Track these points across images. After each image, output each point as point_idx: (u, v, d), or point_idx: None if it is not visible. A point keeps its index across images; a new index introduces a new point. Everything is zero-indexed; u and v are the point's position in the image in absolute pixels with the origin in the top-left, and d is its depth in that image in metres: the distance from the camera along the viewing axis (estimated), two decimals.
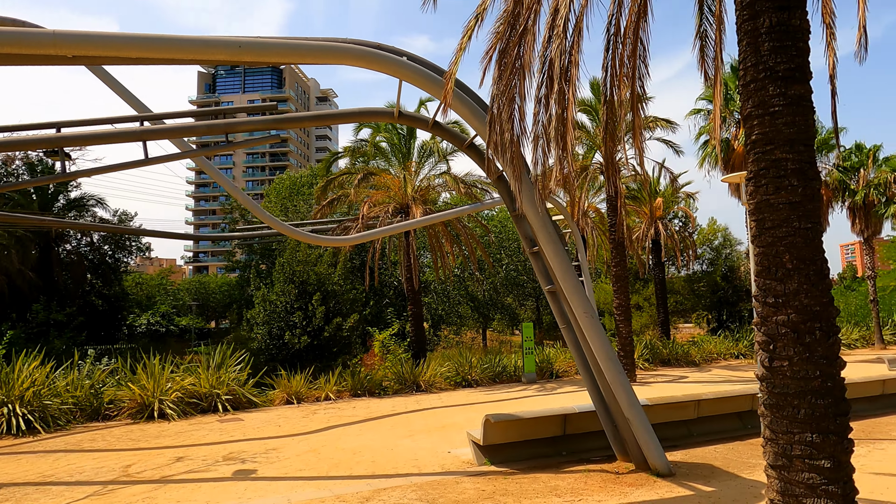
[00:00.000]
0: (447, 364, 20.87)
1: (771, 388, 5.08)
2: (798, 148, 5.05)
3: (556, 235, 8.37)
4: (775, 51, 5.12)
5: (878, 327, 33.55)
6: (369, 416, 14.38)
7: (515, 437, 9.56)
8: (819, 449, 4.77)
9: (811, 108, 5.15)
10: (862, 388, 13.81)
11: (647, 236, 31.90)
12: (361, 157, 23.04)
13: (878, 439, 10.72)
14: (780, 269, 5.02)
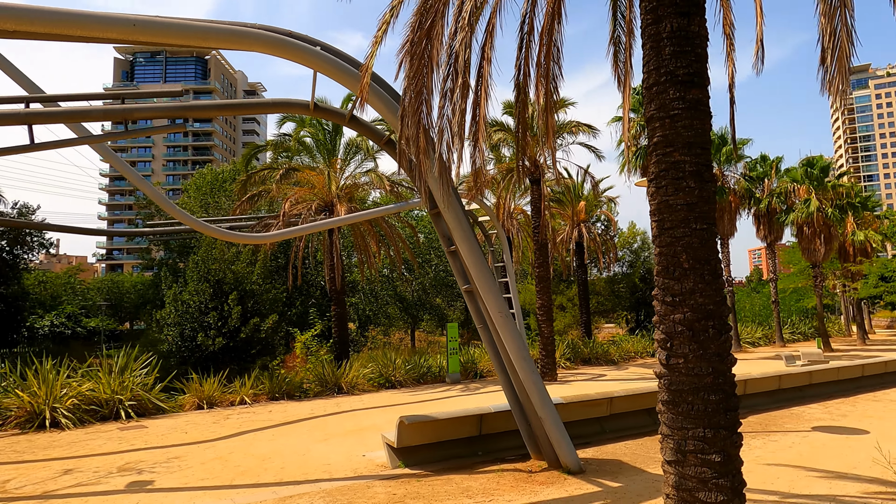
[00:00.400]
0: (371, 365, 20.54)
1: (668, 385, 5.19)
2: (696, 151, 5.19)
3: (471, 234, 8.30)
4: (676, 55, 5.24)
5: (778, 326, 36.01)
6: (285, 420, 13.86)
7: (431, 439, 9.43)
8: (710, 443, 4.91)
9: (708, 113, 5.30)
10: (761, 383, 14.69)
11: (570, 239, 32.80)
12: (284, 152, 22.30)
13: (773, 431, 11.38)
14: (678, 268, 5.14)
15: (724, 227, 33.66)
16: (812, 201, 31.57)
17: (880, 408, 13.75)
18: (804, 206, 31.83)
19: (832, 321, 50.59)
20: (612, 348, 28.63)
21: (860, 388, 16.91)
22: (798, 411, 13.58)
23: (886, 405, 14.12)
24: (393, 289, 41.11)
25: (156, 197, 13.62)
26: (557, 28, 7.12)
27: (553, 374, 20.68)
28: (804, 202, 31.98)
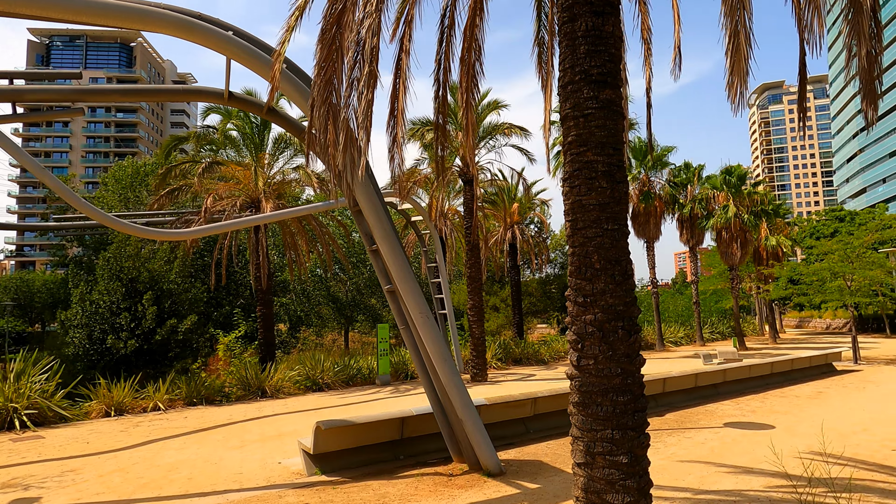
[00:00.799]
0: (297, 367, 19.91)
1: (579, 387, 5.14)
2: (608, 151, 5.17)
3: (392, 233, 8.06)
4: (590, 54, 5.20)
5: (699, 326, 37.71)
6: (200, 427, 13.14)
7: (350, 444, 9.12)
8: (618, 445, 4.88)
9: (621, 113, 5.30)
10: (679, 381, 15.21)
11: (504, 240, 33.11)
12: (209, 144, 21.27)
13: (689, 428, 11.76)
14: (590, 269, 5.10)
15: (650, 230, 34.97)
16: (730, 207, 33.26)
17: (786, 403, 14.52)
18: (723, 212, 33.48)
19: (748, 321, 53.61)
20: (542, 348, 29.09)
21: (769, 384, 17.86)
22: (713, 408, 14.13)
23: (791, 401, 14.93)
24: (326, 289, 40.21)
25: (59, 188, 12.58)
26: (479, 25, 7.00)
27: (484, 374, 20.72)
28: (723, 208, 33.65)
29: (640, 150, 34.99)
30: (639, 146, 35.05)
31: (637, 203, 34.59)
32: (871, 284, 24.47)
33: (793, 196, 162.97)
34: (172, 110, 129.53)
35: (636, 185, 35.05)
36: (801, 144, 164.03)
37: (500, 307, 36.10)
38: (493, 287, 37.23)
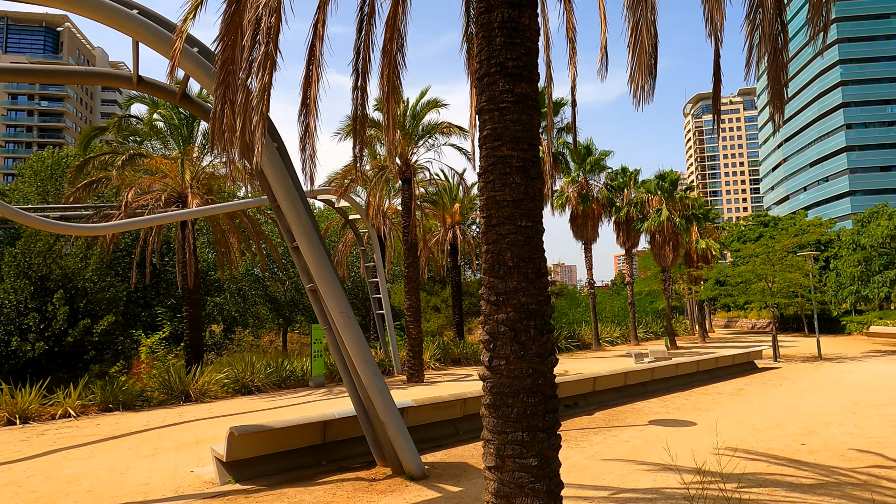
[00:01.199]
0: (226, 370, 19.13)
1: (490, 389, 5.00)
2: (522, 146, 5.05)
3: (312, 229, 7.72)
4: (506, 46, 5.07)
5: (633, 326, 38.82)
6: (112, 434, 12.33)
7: (267, 450, 8.70)
8: (528, 447, 4.76)
9: (537, 108, 5.20)
10: (609, 380, 15.46)
11: (445, 240, 33.03)
12: (132, 135, 20.11)
13: (615, 426, 11.92)
14: (503, 266, 4.96)
15: (588, 232, 35.74)
16: (663, 211, 34.40)
17: (709, 400, 15.00)
18: (656, 216, 34.60)
19: (680, 321, 55.73)
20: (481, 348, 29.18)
21: (695, 382, 18.46)
22: (640, 406, 14.43)
23: (714, 398, 15.45)
24: (263, 289, 39.00)
25: None
26: (402, 16, 6.79)
27: (420, 374, 20.52)
28: (656, 212, 34.76)
29: (579, 152, 35.69)
30: (578, 149, 35.72)
31: (576, 205, 35.28)
32: (790, 286, 25.77)
33: (723, 202, 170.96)
34: (103, 100, 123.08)
35: (575, 187, 35.73)
36: (732, 153, 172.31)
37: (440, 307, 36.02)
38: (434, 287, 37.12)
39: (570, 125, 23.75)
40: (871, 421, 11.72)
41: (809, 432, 10.84)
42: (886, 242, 26.26)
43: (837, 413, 12.73)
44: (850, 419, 11.98)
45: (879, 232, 26.10)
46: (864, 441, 10.00)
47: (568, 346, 34.50)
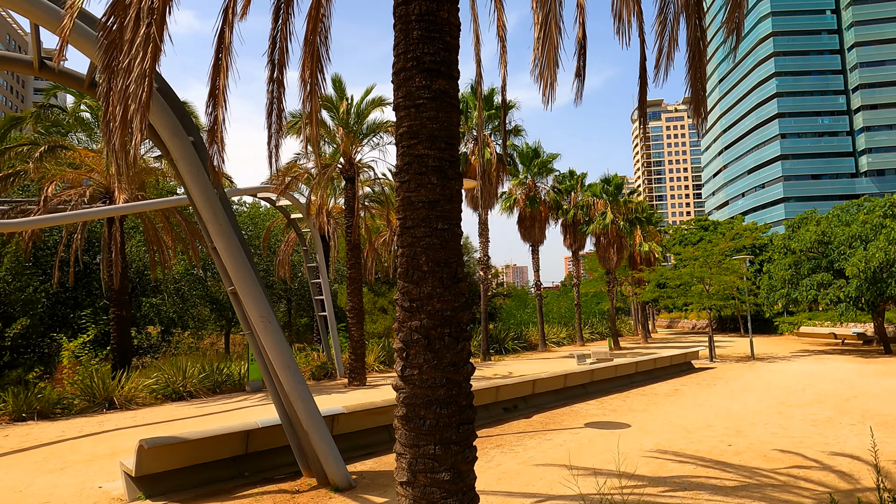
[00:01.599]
0: (155, 374, 18.21)
1: (404, 400, 4.75)
2: (440, 145, 4.83)
3: (229, 228, 7.29)
4: (424, 40, 4.84)
5: (579, 327, 39.43)
6: (20, 447, 11.45)
7: (183, 462, 8.19)
8: (440, 461, 4.54)
9: (455, 106, 4.99)
10: (548, 382, 15.49)
11: (392, 241, 32.64)
12: (54, 126, 18.88)
13: (551, 430, 11.89)
14: (417, 271, 4.73)
15: (536, 234, 36.06)
16: (608, 214, 35.05)
17: (645, 401, 15.22)
18: (601, 219, 35.23)
19: (624, 322, 57.07)
20: None
21: (634, 383, 18.77)
22: (578, 408, 14.50)
23: (651, 399, 15.70)
24: (204, 288, 37.60)
25: None
26: (325, 6, 6.46)
27: (362, 378, 20.10)
28: (601, 215, 35.40)
29: (527, 155, 35.99)
30: (526, 151, 36.03)
31: (523, 207, 35.54)
32: (726, 288, 26.64)
33: (668, 206, 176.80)
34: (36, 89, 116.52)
35: (523, 189, 36.00)
36: (677, 160, 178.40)
37: (388, 309, 35.60)
38: (381, 288, 36.65)
39: (518, 127, 23.81)
40: (794, 421, 12.10)
41: (737, 433, 11.08)
42: (814, 247, 27.50)
43: (764, 413, 13.11)
44: (775, 419, 12.34)
45: (808, 237, 27.31)
46: (787, 441, 10.28)
47: (515, 348, 34.71)
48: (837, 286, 25.75)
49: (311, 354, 24.17)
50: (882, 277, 23.92)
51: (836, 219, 28.72)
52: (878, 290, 24.24)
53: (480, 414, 13.22)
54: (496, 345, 33.76)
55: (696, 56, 4.98)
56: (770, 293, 29.04)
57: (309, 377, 22.21)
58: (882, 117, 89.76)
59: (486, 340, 29.40)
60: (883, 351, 27.55)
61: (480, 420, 12.93)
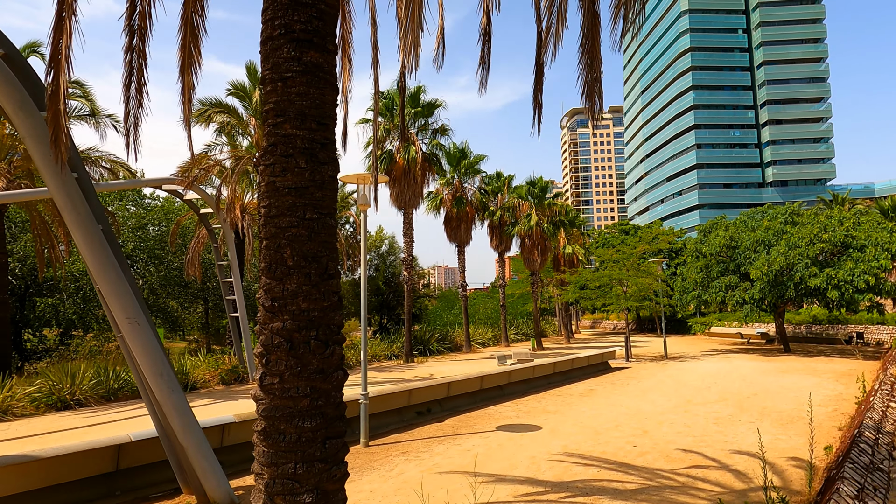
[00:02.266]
0: (38, 381, 16.55)
1: (263, 412, 4.19)
2: (310, 124, 4.31)
3: (87, 217, 6.43)
4: (294, 6, 4.30)
5: (504, 328, 39.67)
6: None
7: (39, 483, 7.21)
8: (302, 481, 4.01)
9: (331, 83, 4.48)
10: (464, 385, 15.19)
11: None
12: None
13: (462, 434, 11.55)
14: (281, 266, 4.19)
15: (462, 235, 35.97)
16: (532, 216, 35.44)
17: (560, 402, 15.22)
18: (526, 220, 35.58)
19: (550, 322, 58.17)
20: (349, 352, 28.17)
21: (551, 383, 18.84)
22: (493, 410, 14.27)
23: (565, 399, 15.74)
24: None
25: None
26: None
27: None
28: (526, 217, 35.75)
29: (455, 155, 35.86)
30: (453, 152, 35.88)
31: (450, 208, 35.36)
32: (642, 290, 27.45)
33: (594, 210, 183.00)
34: None
35: (450, 189, 35.83)
36: (603, 166, 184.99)
37: None
38: None
39: (444, 127, 23.30)
40: (699, 419, 12.36)
41: (644, 433, 11.15)
42: (723, 251, 28.83)
43: (671, 411, 13.36)
44: (681, 418, 12.56)
45: (717, 242, 28.61)
46: (690, 440, 10.41)
47: (440, 349, 34.44)
48: (743, 288, 27.09)
49: (221, 358, 22.85)
50: (782, 280, 25.34)
51: (744, 224, 30.28)
52: (779, 293, 25.67)
53: (391, 419, 12.73)
54: (420, 346, 33.35)
55: (589, 38, 4.72)
56: (683, 295, 30.23)
57: (218, 381, 20.98)
58: (786, 132, 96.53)
59: (409, 342, 28.94)
60: (783, 350, 29.27)
61: (391, 425, 12.45)
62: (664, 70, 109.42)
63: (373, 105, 27.52)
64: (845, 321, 35.02)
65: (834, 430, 10.76)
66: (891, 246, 23.91)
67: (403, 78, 7.36)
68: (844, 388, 16.05)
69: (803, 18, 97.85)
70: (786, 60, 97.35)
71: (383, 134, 28.82)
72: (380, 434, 11.71)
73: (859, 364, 22.52)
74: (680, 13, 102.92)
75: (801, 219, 28.13)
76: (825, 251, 25.25)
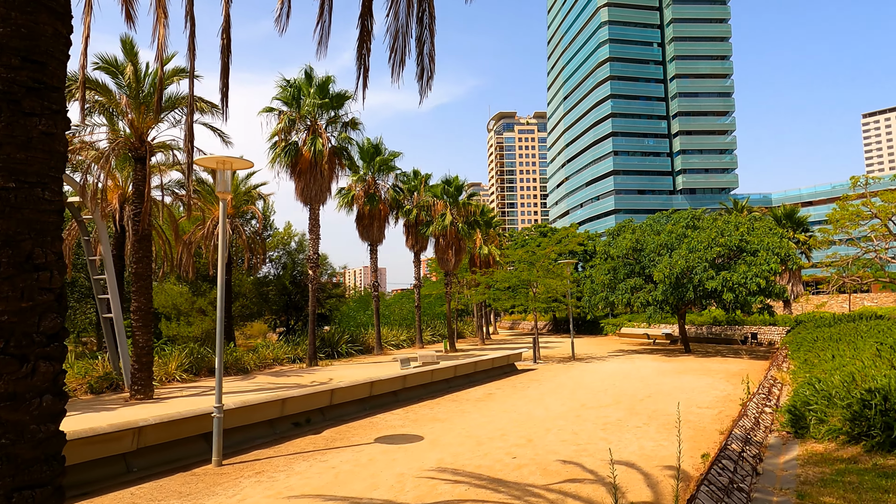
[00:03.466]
0: None
1: None
2: (10, 60, 3.16)
3: None
4: None
5: (419, 329, 38.82)
6: None
7: None
8: None
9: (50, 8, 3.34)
10: (351, 391, 14.13)
11: (213, 234, 29.47)
12: None
13: (336, 447, 10.52)
14: None
15: (374, 233, 34.84)
16: (447, 216, 34.86)
17: (453, 408, 14.48)
18: (440, 220, 34.94)
19: (468, 324, 58.01)
20: (247, 356, 26.39)
21: (451, 387, 18.13)
22: (379, 419, 13.32)
23: (460, 405, 15.02)
24: None
25: None
26: None
27: (148, 390, 17.31)
28: (441, 216, 35.12)
29: (368, 151, 34.70)
30: (367, 148, 34.72)
31: (362, 205, 34.18)
32: (549, 291, 27.40)
33: (519, 213, 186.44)
34: None
35: (362, 186, 34.63)
36: (528, 170, 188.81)
37: (208, 310, 32.15)
38: (202, 286, 33.09)
39: (355, 120, 22.12)
40: (588, 425, 11.95)
41: (528, 442, 10.55)
42: (629, 254, 29.34)
43: (563, 417, 12.91)
44: (570, 424, 12.11)
45: (624, 244, 29.07)
46: (573, 449, 9.88)
47: (349, 351, 33.16)
48: (647, 290, 27.61)
49: (93, 364, 20.57)
50: (683, 283, 25.99)
51: (650, 228, 30.98)
52: (680, 295, 26.32)
53: (262, 431, 11.51)
54: (328, 349, 31.96)
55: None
56: (592, 296, 30.53)
57: (86, 390, 18.83)
58: (695, 143, 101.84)
59: (314, 344, 27.49)
60: (683, 350, 30.16)
61: (260, 439, 11.23)
62: (585, 78, 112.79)
63: (279, 94, 25.53)
64: (742, 322, 36.75)
65: (716, 434, 10.57)
66: (780, 250, 25.02)
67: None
68: (733, 389, 16.30)
69: (712, 36, 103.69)
70: (696, 75, 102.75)
71: (287, 124, 27.23)
72: (243, 450, 10.47)
73: (750, 364, 23.35)
74: (600, 24, 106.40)
75: (701, 223, 29.07)
76: (722, 255, 26.14)
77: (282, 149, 27.13)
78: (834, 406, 7.09)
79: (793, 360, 14.86)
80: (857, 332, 15.24)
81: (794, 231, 42.67)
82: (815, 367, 10.82)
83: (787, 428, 7.50)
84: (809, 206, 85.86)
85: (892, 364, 8.18)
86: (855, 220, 25.73)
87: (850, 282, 28.59)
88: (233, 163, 10.01)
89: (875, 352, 10.25)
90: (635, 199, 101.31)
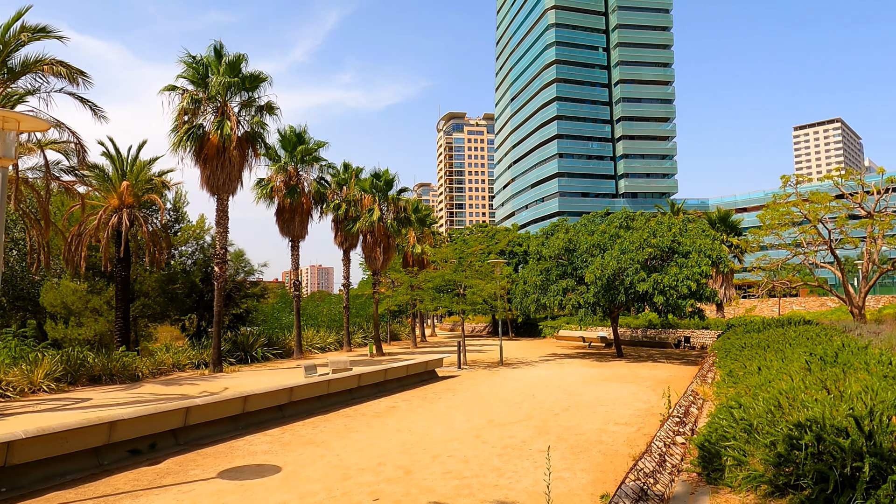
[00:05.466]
0: None
1: None
2: None
3: None
4: None
5: (347, 331, 36.52)
6: None
7: None
8: None
9: None
10: (216, 408, 11.95)
11: (109, 225, 26.39)
12: None
13: (161, 487, 8.38)
14: None
15: (296, 228, 32.43)
16: (375, 211, 32.78)
17: (340, 427, 12.49)
18: (368, 216, 32.84)
19: (406, 325, 56.00)
20: (139, 361, 23.55)
21: (354, 399, 16.17)
22: (244, 443, 11.19)
23: (351, 421, 13.05)
24: None
25: None
26: None
27: None
28: (368, 211, 33.02)
29: (290, 139, 32.26)
30: (288, 136, 32.27)
31: (282, 198, 31.71)
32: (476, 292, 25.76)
33: (467, 214, 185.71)
34: None
35: (283, 176, 32.15)
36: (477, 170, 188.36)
37: (103, 310, 28.93)
38: (98, 283, 29.78)
39: (271, 104, 19.59)
40: (485, 449, 10.20)
41: (405, 474, 8.69)
42: (562, 254, 28.08)
43: (462, 437, 11.14)
44: (466, 447, 10.34)
45: (557, 244, 27.80)
46: (453, 486, 8.08)
47: (266, 355, 30.63)
48: (579, 292, 26.38)
49: None
50: (615, 285, 24.85)
51: (584, 228, 29.84)
52: (611, 297, 25.18)
53: (80, 464, 9.18)
54: (240, 353, 29.34)
55: None
56: (523, 298, 29.10)
57: None
58: (637, 147, 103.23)
59: (218, 348, 24.90)
60: (615, 354, 29.14)
61: (74, 473, 8.93)
62: (531, 80, 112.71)
63: (184, 72, 22.71)
64: (676, 326, 36.23)
65: (627, 460, 9.02)
66: (712, 252, 24.22)
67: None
68: (657, 400, 14.99)
69: (655, 43, 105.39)
70: (639, 81, 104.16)
71: (191, 104, 24.54)
72: (38, 491, 8.16)
73: (679, 370, 22.36)
74: (547, 26, 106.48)
75: (634, 224, 28.10)
76: (654, 256, 25.16)
77: (184, 132, 24.43)
78: (755, 442, 5.54)
79: (719, 369, 13.65)
80: (785, 339, 14.17)
81: (727, 234, 42.72)
82: (740, 380, 9.44)
83: (699, 469, 5.91)
84: (744, 212, 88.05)
85: (825, 384, 6.73)
86: (785, 221, 25.23)
87: (780, 286, 28.25)
88: (20, 121, 7.70)
89: (804, 364, 8.91)
90: (579, 202, 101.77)
